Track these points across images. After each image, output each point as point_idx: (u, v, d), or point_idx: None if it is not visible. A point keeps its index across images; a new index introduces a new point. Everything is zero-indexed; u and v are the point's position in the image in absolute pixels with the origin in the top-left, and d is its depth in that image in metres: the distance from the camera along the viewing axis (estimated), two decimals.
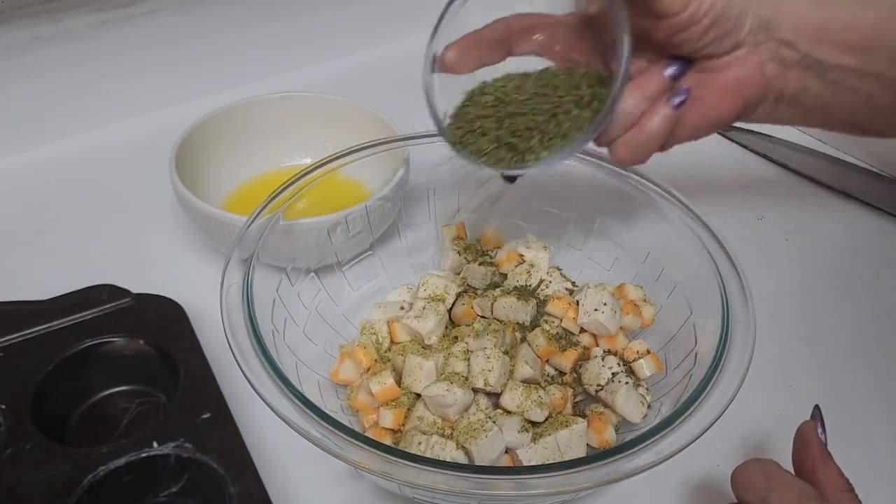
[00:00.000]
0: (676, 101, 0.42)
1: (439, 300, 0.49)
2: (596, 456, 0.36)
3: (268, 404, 0.37)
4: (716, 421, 0.37)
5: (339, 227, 0.52)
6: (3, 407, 0.45)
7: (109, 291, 0.52)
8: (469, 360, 0.45)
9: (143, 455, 0.43)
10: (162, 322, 0.50)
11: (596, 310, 0.48)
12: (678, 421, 0.37)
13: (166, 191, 0.69)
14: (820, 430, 0.38)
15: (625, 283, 0.51)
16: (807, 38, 0.43)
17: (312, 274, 0.51)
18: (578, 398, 0.47)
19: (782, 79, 0.44)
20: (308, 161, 0.68)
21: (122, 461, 0.43)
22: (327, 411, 0.37)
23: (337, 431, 0.36)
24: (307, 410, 0.37)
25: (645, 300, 0.50)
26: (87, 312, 0.50)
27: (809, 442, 0.37)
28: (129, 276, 0.54)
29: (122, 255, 0.62)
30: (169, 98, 0.79)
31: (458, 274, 0.52)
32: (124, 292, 0.52)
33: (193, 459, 0.43)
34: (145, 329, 0.50)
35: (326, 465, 0.47)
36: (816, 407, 0.40)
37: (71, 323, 0.50)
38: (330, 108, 0.67)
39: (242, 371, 0.38)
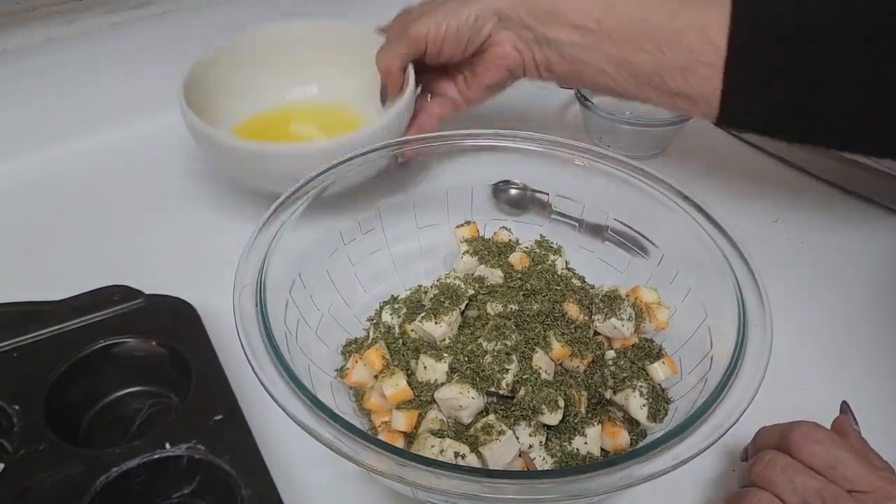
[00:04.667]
0: None
1: (452, 302, 0.48)
2: (610, 461, 0.35)
3: (281, 406, 0.37)
4: (732, 426, 0.36)
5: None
6: (17, 407, 0.45)
7: (122, 292, 0.52)
8: (482, 361, 0.44)
9: (156, 456, 0.43)
10: (174, 323, 0.51)
11: (610, 313, 0.47)
12: (693, 426, 0.37)
13: (178, 191, 0.70)
14: (854, 423, 0.38)
15: (639, 285, 0.50)
16: (540, 21, 0.55)
17: (325, 275, 0.51)
18: (592, 401, 0.47)
19: (530, 52, 0.57)
20: (314, 90, 0.71)
21: (134, 462, 0.43)
22: (340, 413, 0.37)
23: (349, 434, 0.36)
24: (320, 413, 0.36)
25: (659, 303, 0.49)
26: (100, 313, 0.50)
27: (847, 434, 0.38)
28: (142, 276, 0.54)
29: (134, 256, 0.62)
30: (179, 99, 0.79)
31: (472, 275, 0.52)
32: (137, 293, 0.52)
33: (206, 461, 0.43)
34: (158, 330, 0.50)
35: (339, 467, 0.46)
36: (844, 402, 0.40)
37: (84, 323, 0.50)
38: (331, 34, 0.70)
39: (255, 373, 0.38)
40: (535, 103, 0.83)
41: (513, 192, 0.59)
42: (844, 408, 0.40)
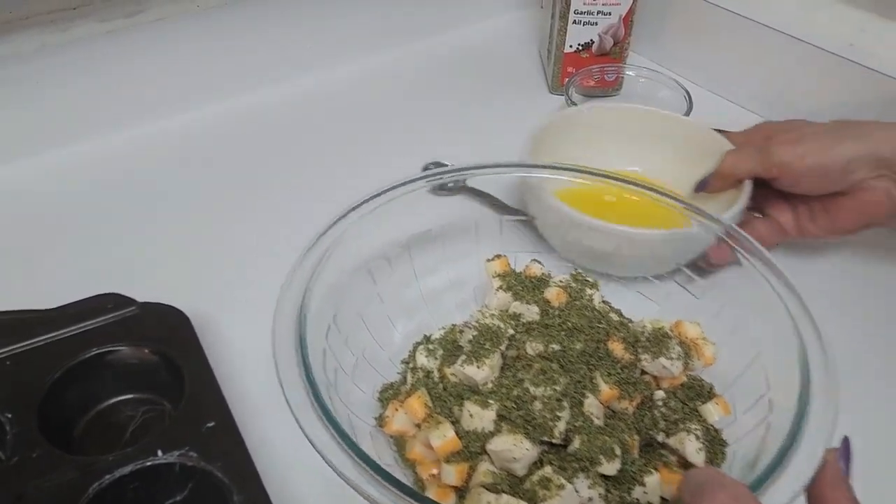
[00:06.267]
0: None
1: (493, 344, 0.45)
2: None
3: (331, 465, 0.35)
4: (814, 476, 0.34)
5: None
6: (10, 415, 0.45)
7: (115, 300, 0.52)
8: (532, 408, 0.42)
9: (149, 463, 0.43)
10: (167, 331, 0.51)
11: (658, 352, 0.45)
12: (772, 476, 0.34)
13: (171, 199, 0.70)
14: (842, 461, 0.37)
15: (681, 320, 0.48)
16: None
17: (358, 317, 0.49)
18: (642, 444, 0.44)
19: None
20: (638, 169, 0.69)
21: (127, 469, 0.43)
22: (385, 467, 0.35)
23: (407, 498, 0.34)
24: (374, 474, 0.35)
25: (704, 339, 0.47)
26: (93, 321, 0.51)
27: (827, 466, 0.36)
28: (135, 284, 0.54)
29: (127, 264, 0.62)
30: (174, 106, 0.80)
31: (507, 312, 0.49)
32: (130, 301, 0.52)
33: (198, 468, 0.43)
34: (151, 338, 0.50)
35: (330, 475, 0.47)
36: (845, 438, 0.38)
37: (77, 332, 0.50)
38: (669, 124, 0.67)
39: (305, 433, 0.36)
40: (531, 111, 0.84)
41: None
42: (842, 443, 0.36)
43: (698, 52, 0.85)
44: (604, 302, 0.51)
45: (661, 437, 0.44)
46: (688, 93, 0.74)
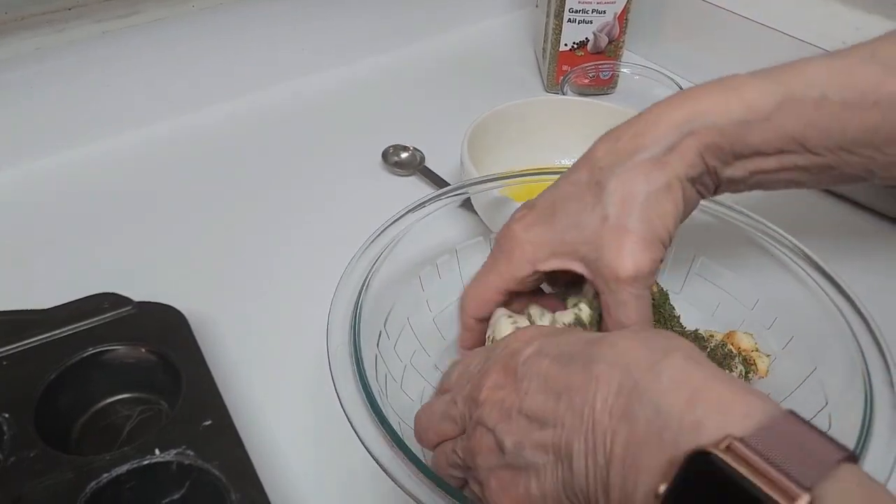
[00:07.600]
0: None
1: None
2: None
3: (401, 486, 0.34)
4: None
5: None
6: (7, 415, 0.45)
7: (111, 300, 0.52)
8: None
9: (146, 462, 0.43)
10: (164, 330, 0.51)
11: (724, 367, 0.44)
12: None
13: (166, 200, 0.70)
14: None
15: (735, 330, 0.47)
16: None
17: (406, 324, 0.49)
18: None
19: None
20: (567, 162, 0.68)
21: (124, 468, 0.43)
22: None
23: None
24: (441, 489, 0.34)
25: (758, 350, 0.46)
26: (90, 321, 0.51)
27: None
28: (131, 284, 0.54)
29: (124, 264, 0.62)
30: (169, 108, 0.80)
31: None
32: (126, 301, 0.52)
33: (195, 467, 0.43)
34: (147, 337, 0.50)
35: (327, 473, 0.47)
36: None
37: (73, 331, 0.50)
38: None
39: (373, 456, 0.35)
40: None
41: None
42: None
43: (693, 49, 0.86)
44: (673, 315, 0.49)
45: None
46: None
